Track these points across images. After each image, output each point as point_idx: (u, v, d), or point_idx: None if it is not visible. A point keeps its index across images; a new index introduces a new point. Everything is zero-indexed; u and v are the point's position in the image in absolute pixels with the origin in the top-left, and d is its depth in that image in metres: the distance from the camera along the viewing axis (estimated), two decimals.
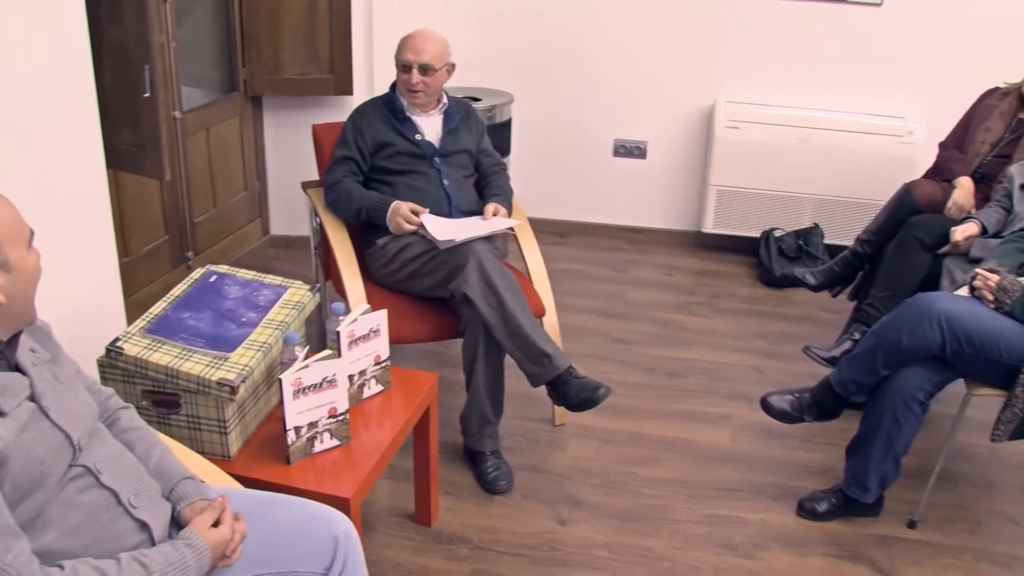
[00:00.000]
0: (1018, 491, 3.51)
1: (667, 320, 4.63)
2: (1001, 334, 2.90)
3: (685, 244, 5.59)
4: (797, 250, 5.13)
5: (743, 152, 5.18)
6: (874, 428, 3.05)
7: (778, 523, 3.22)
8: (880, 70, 5.17)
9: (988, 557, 3.14)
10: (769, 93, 5.27)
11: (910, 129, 5.09)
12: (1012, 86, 4.15)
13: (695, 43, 5.24)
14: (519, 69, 5.37)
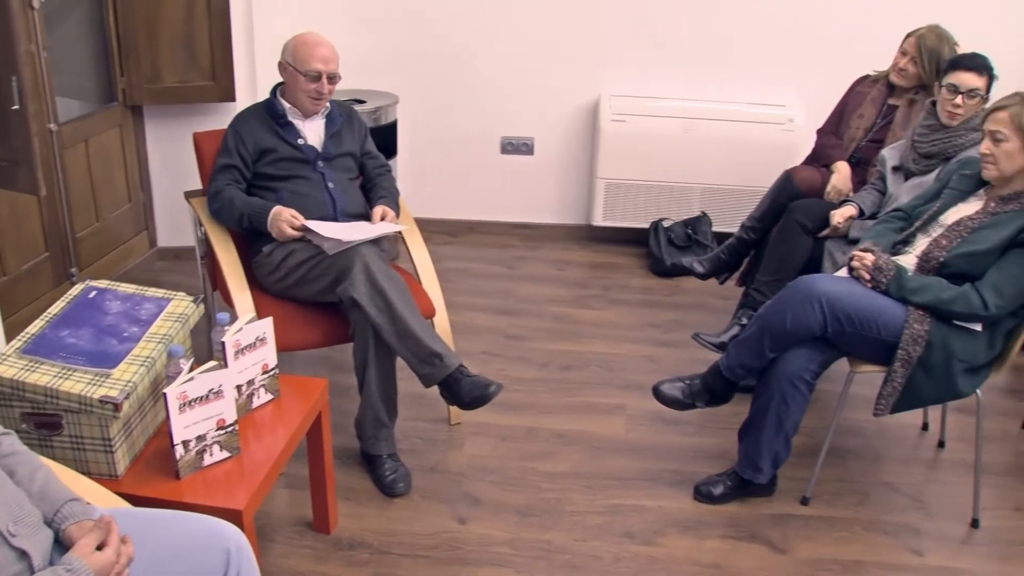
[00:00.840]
0: (902, 462, 3.63)
1: (560, 314, 4.66)
2: (879, 312, 2.98)
3: (576, 238, 5.64)
4: (686, 239, 5.22)
5: (629, 145, 5.24)
6: (764, 410, 3.11)
7: (676, 509, 3.26)
8: (761, 60, 5.28)
9: (876, 527, 3.24)
10: (653, 86, 5.34)
11: (791, 117, 5.21)
12: (881, 73, 4.28)
13: (578, 38, 5.28)
14: (403, 70, 5.35)
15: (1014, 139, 2.99)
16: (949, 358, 2.99)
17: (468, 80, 5.39)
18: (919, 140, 3.70)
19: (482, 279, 5.05)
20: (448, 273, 5.02)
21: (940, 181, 3.36)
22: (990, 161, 3.05)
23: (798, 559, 3.06)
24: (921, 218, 3.24)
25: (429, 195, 5.55)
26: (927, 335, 2.96)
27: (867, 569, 3.04)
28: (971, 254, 3.00)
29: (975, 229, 3.04)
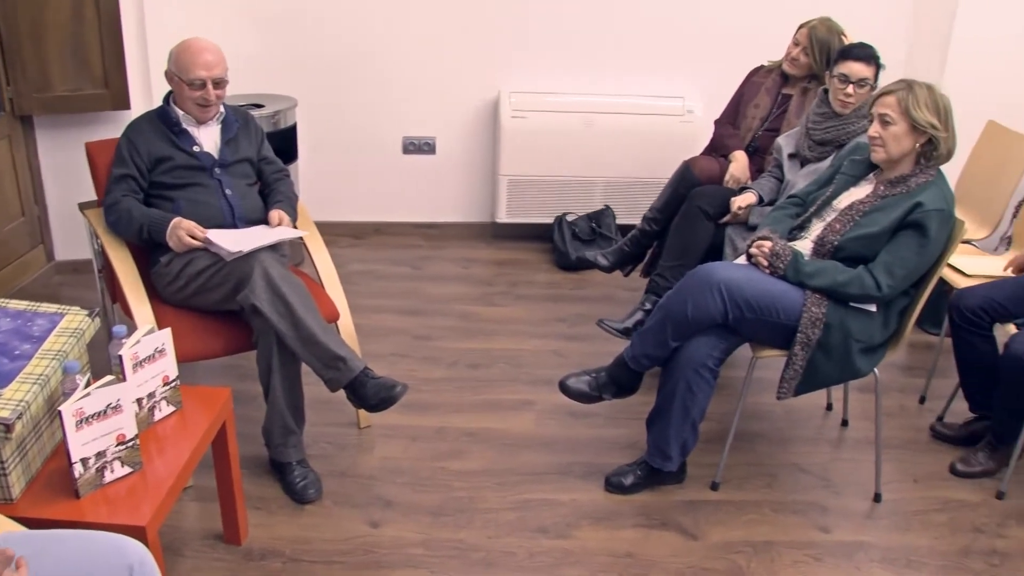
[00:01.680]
0: (808, 442, 3.70)
1: (467, 312, 4.66)
2: (777, 297, 3.04)
3: (480, 236, 5.64)
4: (591, 233, 5.25)
5: (530, 141, 5.26)
6: (670, 398, 3.15)
7: (588, 501, 3.28)
8: (659, 52, 5.34)
9: (785, 507, 3.31)
10: (553, 81, 5.36)
11: (689, 108, 5.28)
12: (775, 63, 4.36)
13: (477, 36, 5.28)
14: (301, 72, 5.29)
15: (901, 123, 3.08)
16: (847, 339, 3.06)
17: (368, 81, 5.35)
18: (813, 128, 3.78)
19: (388, 280, 5.02)
20: (354, 276, 4.99)
21: (833, 167, 3.44)
22: (879, 144, 3.12)
23: (710, 543, 3.11)
24: (815, 204, 3.31)
25: (332, 198, 5.50)
26: (825, 317, 3.03)
27: (776, 549, 3.10)
28: (863, 237, 3.07)
29: (866, 213, 3.11)
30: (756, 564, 3.03)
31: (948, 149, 3.16)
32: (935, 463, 3.63)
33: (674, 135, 5.23)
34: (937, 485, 3.50)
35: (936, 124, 3.10)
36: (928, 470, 3.58)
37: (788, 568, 3.02)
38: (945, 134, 3.12)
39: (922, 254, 3.03)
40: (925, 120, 3.08)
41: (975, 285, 3.63)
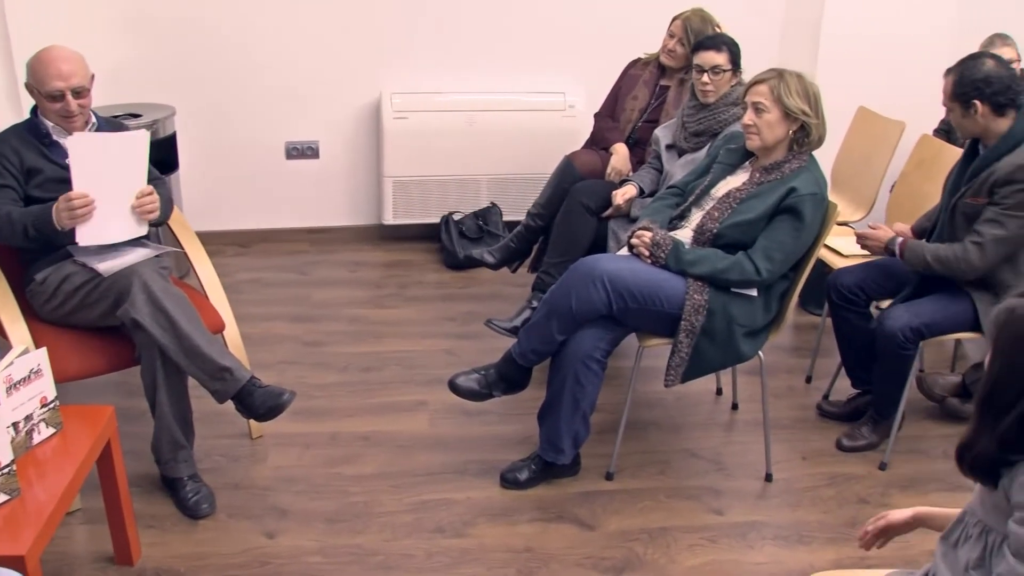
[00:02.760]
0: (700, 427, 3.77)
1: (357, 316, 4.62)
2: (660, 287, 3.09)
3: (368, 238, 5.60)
4: (478, 231, 5.26)
5: (414, 141, 5.24)
6: (559, 392, 3.17)
7: (484, 498, 3.29)
8: (539, 49, 5.37)
9: (679, 493, 3.36)
10: (434, 81, 5.35)
11: (571, 103, 5.32)
12: (651, 56, 4.42)
13: (356, 38, 5.24)
14: (178, 80, 5.17)
15: (774, 110, 3.15)
16: (730, 324, 3.12)
17: (247, 87, 5.27)
18: (688, 119, 3.84)
19: (276, 287, 4.96)
20: (241, 284, 4.91)
21: (709, 156, 3.50)
22: (753, 131, 3.19)
23: (607, 533, 3.14)
24: (694, 193, 3.37)
25: (216, 207, 5.40)
26: (707, 304, 3.08)
27: (672, 534, 3.15)
28: (741, 224, 3.14)
29: (743, 200, 3.18)
30: (653, 550, 3.07)
31: (819, 135, 3.24)
32: (822, 440, 3.72)
33: (557, 130, 5.27)
34: (825, 461, 3.60)
35: (807, 111, 3.18)
36: (816, 447, 3.68)
37: (684, 552, 3.07)
38: (816, 120, 3.21)
39: (798, 238, 3.11)
40: (797, 107, 3.16)
41: (851, 265, 3.74)
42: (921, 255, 3.34)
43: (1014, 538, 1.76)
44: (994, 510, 1.89)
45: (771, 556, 3.09)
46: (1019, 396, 1.77)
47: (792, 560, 3.06)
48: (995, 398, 1.82)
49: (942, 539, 2.06)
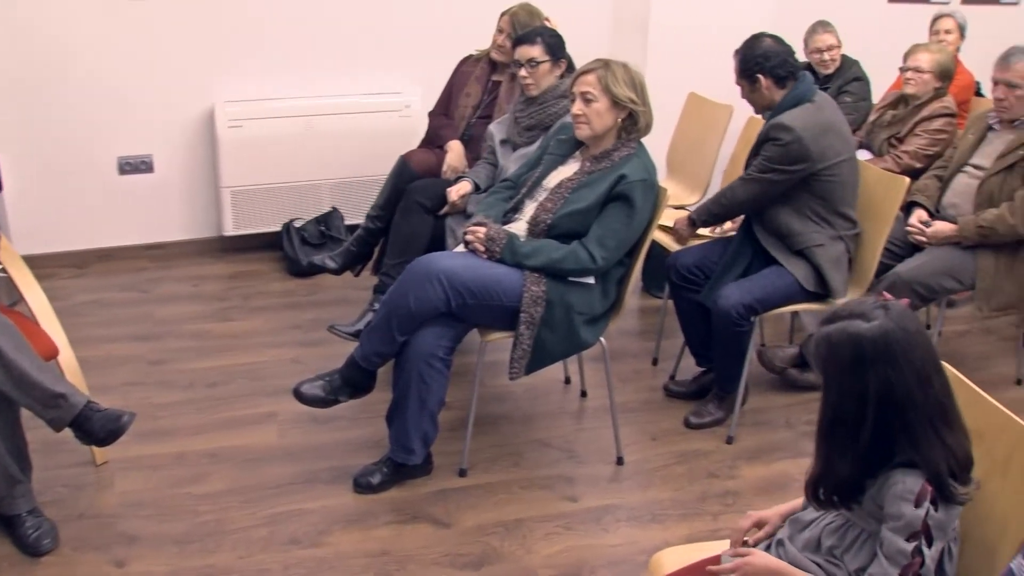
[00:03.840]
0: (550, 417, 3.81)
1: (201, 331, 4.51)
2: (497, 281, 3.10)
3: (209, 251, 5.47)
4: (320, 236, 5.20)
5: (251, 149, 5.15)
6: (405, 392, 3.15)
7: (338, 505, 3.25)
8: (373, 50, 5.34)
9: (533, 483, 3.39)
10: (269, 87, 5.26)
11: (407, 103, 5.31)
12: (483, 52, 4.44)
13: (186, 47, 5.10)
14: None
15: (602, 99, 3.20)
16: (569, 313, 3.16)
17: (73, 103, 5.07)
18: (519, 114, 3.88)
19: (117, 307, 4.80)
20: (80, 307, 4.74)
21: (540, 148, 3.54)
22: (583, 121, 3.24)
23: (463, 529, 3.15)
24: (526, 185, 3.40)
25: (48, 229, 5.19)
26: (545, 295, 3.11)
27: (528, 525, 3.17)
28: (574, 213, 3.18)
29: (575, 189, 3.22)
30: (509, 543, 3.09)
31: (647, 122, 3.32)
32: (671, 419, 3.81)
33: (395, 130, 5.25)
34: (674, 440, 3.68)
35: (635, 99, 3.25)
36: (665, 427, 3.76)
37: (540, 542, 3.10)
38: (644, 108, 3.29)
39: (630, 224, 3.17)
40: (625, 95, 3.22)
41: (689, 247, 3.82)
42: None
43: (888, 544, 1.85)
44: (864, 515, 1.95)
45: (626, 537, 3.14)
46: (861, 420, 1.85)
47: (646, 539, 3.12)
48: (837, 429, 1.90)
49: (792, 521, 2.12)
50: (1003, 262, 3.91)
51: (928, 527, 1.82)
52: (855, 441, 1.86)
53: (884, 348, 1.82)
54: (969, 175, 4.08)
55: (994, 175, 3.94)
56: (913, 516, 1.81)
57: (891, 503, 1.85)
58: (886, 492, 1.86)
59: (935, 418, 1.86)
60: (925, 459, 1.83)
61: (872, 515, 1.92)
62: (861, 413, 1.84)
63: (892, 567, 1.83)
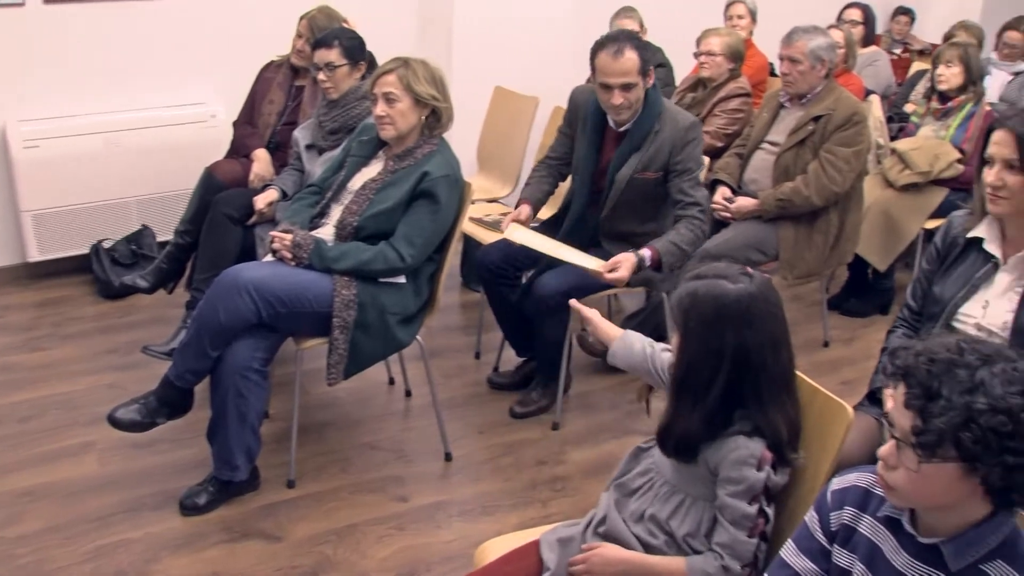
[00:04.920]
0: (377, 419, 3.81)
1: (9, 364, 4.30)
2: (307, 287, 3.08)
3: (13, 280, 5.20)
4: (131, 256, 5.04)
5: (51, 170, 4.94)
6: (224, 408, 3.09)
7: (165, 531, 3.16)
8: (173, 61, 5.18)
9: (362, 487, 3.39)
10: (66, 103, 5.04)
11: (212, 113, 5.19)
12: (283, 57, 4.39)
13: None
14: None
15: (405, 98, 3.21)
16: (383, 314, 3.16)
17: None
18: (323, 118, 3.85)
19: None
20: None
21: (343, 151, 3.52)
22: (387, 122, 3.24)
23: (295, 541, 3.11)
24: (331, 189, 3.37)
25: None
26: (357, 298, 3.11)
27: (361, 529, 3.17)
28: (380, 213, 3.18)
29: (379, 190, 3.22)
30: (343, 550, 3.08)
31: (448, 118, 3.34)
32: (497, 412, 3.85)
33: (201, 142, 5.11)
34: (501, 431, 3.73)
35: (437, 95, 3.27)
36: (491, 419, 3.80)
37: (374, 545, 3.10)
38: (446, 104, 3.31)
39: (436, 220, 3.19)
40: (427, 93, 3.23)
41: (497, 240, 3.87)
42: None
43: (731, 510, 1.94)
44: (691, 476, 2.02)
45: (459, 532, 3.17)
46: (714, 375, 1.94)
47: (478, 532, 3.14)
48: (691, 380, 1.98)
49: (616, 487, 2.18)
50: (802, 232, 4.11)
51: (768, 489, 1.94)
52: (704, 397, 1.96)
53: (745, 310, 1.93)
54: (766, 151, 4.26)
55: (788, 150, 4.12)
56: (755, 480, 1.92)
57: (731, 468, 1.94)
58: (725, 457, 1.95)
59: (781, 385, 1.98)
60: (769, 423, 1.94)
61: (701, 479, 2.00)
62: (715, 369, 1.94)
63: (739, 531, 1.93)
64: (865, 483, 1.70)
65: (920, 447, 1.46)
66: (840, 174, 4.00)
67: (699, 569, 1.96)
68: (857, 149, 4.04)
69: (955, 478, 1.47)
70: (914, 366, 1.50)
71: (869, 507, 1.67)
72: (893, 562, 1.61)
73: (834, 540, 1.70)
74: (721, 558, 1.94)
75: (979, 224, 2.57)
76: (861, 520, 1.67)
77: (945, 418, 1.43)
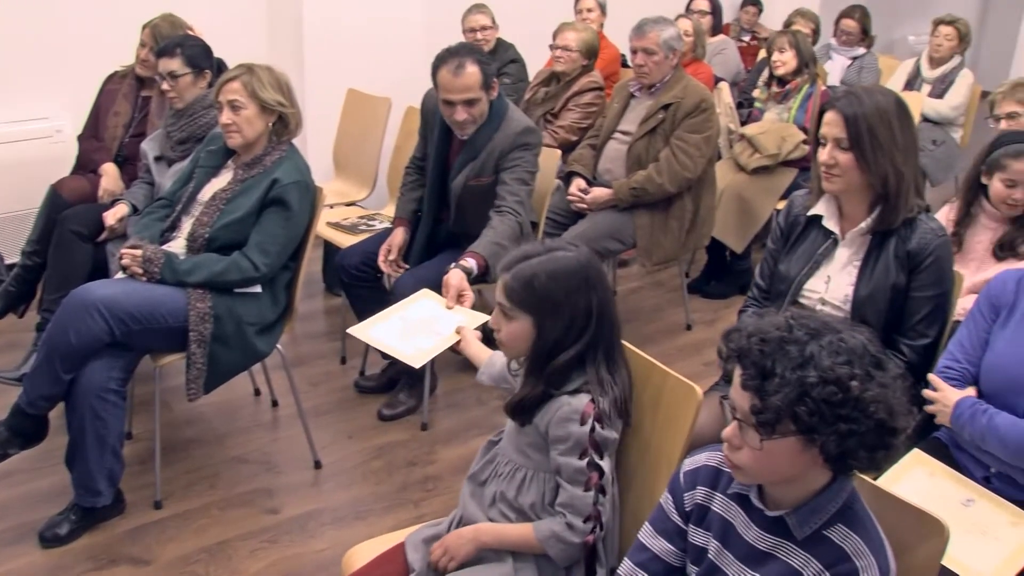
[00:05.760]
0: (244, 432, 3.74)
1: None
2: (160, 303, 3.00)
3: None
4: None
5: None
6: (81, 432, 2.98)
7: (26, 566, 3.03)
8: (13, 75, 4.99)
9: (232, 503, 3.32)
10: None
11: (57, 127, 5.03)
12: (127, 68, 4.28)
13: None
14: None
15: (251, 105, 3.17)
16: (240, 325, 3.11)
17: None
18: (171, 128, 3.77)
19: None
20: None
21: (192, 162, 3.44)
22: (234, 130, 3.19)
23: (165, 564, 3.04)
24: (181, 201, 3.30)
25: None
26: (212, 311, 3.04)
27: (232, 545, 3.11)
28: (231, 224, 3.12)
29: (229, 200, 3.16)
30: (215, 568, 3.02)
31: (296, 123, 3.31)
32: (365, 415, 3.83)
33: (47, 158, 4.92)
34: (370, 435, 3.71)
35: (283, 101, 3.24)
36: (360, 424, 3.77)
37: (247, 560, 3.05)
38: (293, 109, 3.27)
39: (289, 227, 3.15)
40: (273, 99, 3.20)
41: (356, 243, 3.85)
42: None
43: (564, 468, 1.99)
44: (529, 448, 2.05)
45: (332, 540, 3.14)
46: (578, 339, 2.00)
47: (352, 539, 3.05)
48: (537, 355, 2.03)
49: (469, 479, 2.21)
50: (658, 219, 4.19)
51: (596, 442, 1.98)
52: (546, 367, 2.01)
53: (593, 271, 2.03)
54: (619, 141, 4.33)
55: (640, 139, 4.20)
56: (580, 434, 1.97)
57: (558, 427, 1.99)
58: (552, 417, 2.00)
59: (617, 344, 2.07)
60: (601, 380, 2.02)
61: (537, 448, 2.05)
62: (582, 331, 2.01)
63: (576, 487, 1.98)
64: (715, 462, 1.74)
65: (761, 425, 1.51)
66: (691, 160, 4.09)
67: (545, 529, 2.02)
68: (707, 135, 4.14)
69: (796, 451, 1.52)
70: (747, 347, 1.55)
71: (720, 485, 1.72)
72: (745, 536, 1.66)
73: (689, 520, 1.75)
74: (564, 516, 2.00)
75: (818, 202, 2.67)
76: (713, 498, 1.72)
77: (780, 395, 1.48)
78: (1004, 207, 3.09)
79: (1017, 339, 2.37)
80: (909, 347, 2.57)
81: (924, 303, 2.55)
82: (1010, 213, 3.11)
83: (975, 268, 3.20)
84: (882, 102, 2.52)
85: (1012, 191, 3.05)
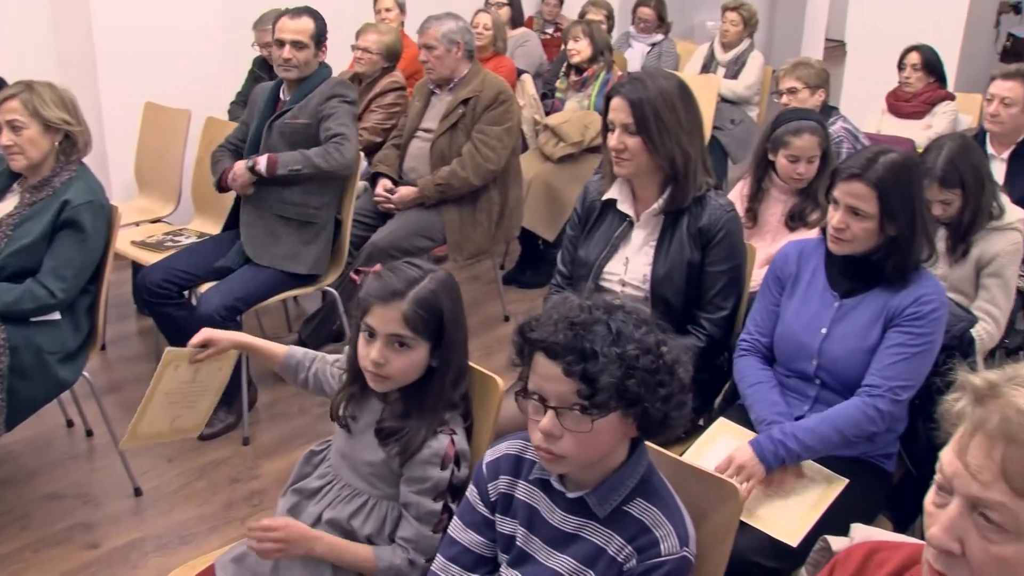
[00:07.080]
0: (57, 466, 3.57)
1: None
2: None
3: None
4: None
5: None
6: None
7: None
8: None
9: (47, 542, 3.17)
10: None
11: None
12: None
13: None
14: None
15: (33, 125, 3.05)
16: (40, 355, 2.97)
17: None
18: None
19: None
20: None
21: None
22: (16, 151, 3.08)
23: None
24: None
25: None
26: (8, 342, 2.90)
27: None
28: (21, 250, 2.99)
29: (17, 225, 3.03)
30: None
31: (85, 142, 3.20)
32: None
33: None
34: (191, 456, 3.60)
35: (68, 119, 3.13)
36: (179, 446, 3.61)
37: None
38: (80, 127, 3.16)
39: (85, 249, 3.03)
40: (57, 117, 3.08)
41: (157, 261, 3.74)
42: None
43: (416, 507, 1.95)
44: (373, 476, 2.01)
45: (157, 568, 3.03)
46: (442, 372, 1.96)
47: (178, 564, 2.94)
48: (420, 384, 1.99)
49: (294, 491, 2.16)
50: (466, 214, 4.22)
51: (454, 486, 1.96)
52: (440, 389, 1.98)
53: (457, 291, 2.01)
54: (421, 139, 4.34)
55: (442, 135, 4.22)
56: (440, 478, 1.94)
57: (415, 468, 1.95)
58: (416, 459, 1.95)
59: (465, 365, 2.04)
60: (463, 402, 2.03)
61: (385, 479, 2.00)
62: (463, 355, 2.00)
63: (424, 526, 1.95)
64: (515, 450, 1.77)
65: (595, 407, 1.52)
66: (494, 152, 4.14)
67: (387, 560, 1.97)
68: (507, 126, 4.19)
69: (616, 425, 1.56)
70: (556, 334, 1.55)
71: (522, 472, 1.74)
72: (550, 520, 1.68)
73: (495, 509, 1.76)
74: (407, 551, 1.97)
75: (611, 187, 2.73)
76: (516, 486, 1.74)
77: (608, 372, 1.51)
78: (791, 181, 3.30)
79: (801, 309, 2.48)
80: (709, 320, 2.65)
81: (719, 277, 2.64)
82: (797, 186, 3.31)
83: (770, 240, 3.35)
84: (665, 86, 2.60)
85: (795, 166, 3.25)
